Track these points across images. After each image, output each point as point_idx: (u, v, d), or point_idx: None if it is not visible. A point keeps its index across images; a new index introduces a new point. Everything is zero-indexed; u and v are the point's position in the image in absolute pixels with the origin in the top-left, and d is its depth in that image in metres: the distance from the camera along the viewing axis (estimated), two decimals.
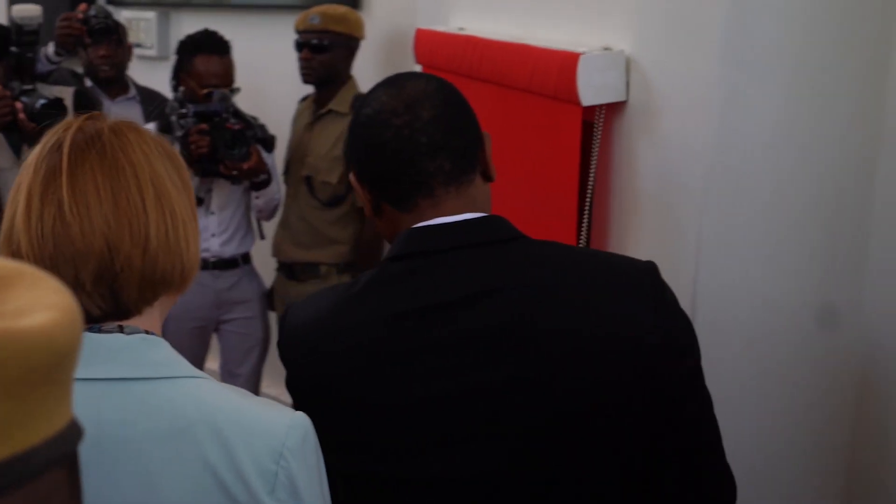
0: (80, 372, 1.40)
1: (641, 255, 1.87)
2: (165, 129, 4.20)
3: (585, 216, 2.35)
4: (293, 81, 4.67)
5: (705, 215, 2.09)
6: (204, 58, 4.18)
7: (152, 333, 1.51)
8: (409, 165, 1.76)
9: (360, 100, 1.91)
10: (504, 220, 1.79)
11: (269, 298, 4.59)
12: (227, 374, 4.53)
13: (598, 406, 1.69)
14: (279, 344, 1.82)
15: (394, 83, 1.82)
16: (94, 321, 1.48)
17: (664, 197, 2.19)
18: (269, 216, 4.41)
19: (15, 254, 1.45)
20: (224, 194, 4.28)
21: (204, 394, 1.48)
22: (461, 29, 3.01)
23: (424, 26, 3.31)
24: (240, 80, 4.27)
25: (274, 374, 4.72)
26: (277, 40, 4.85)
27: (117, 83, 4.65)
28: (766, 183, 2.09)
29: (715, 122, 2.06)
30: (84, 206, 1.45)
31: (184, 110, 4.09)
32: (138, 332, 1.49)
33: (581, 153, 2.38)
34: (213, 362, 4.77)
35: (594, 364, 1.68)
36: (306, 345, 1.77)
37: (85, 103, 4.15)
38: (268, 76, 4.34)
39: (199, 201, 4.20)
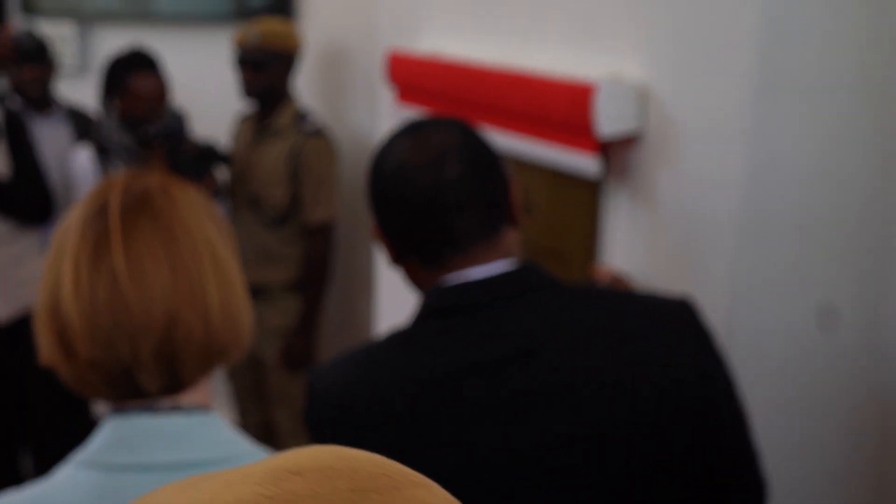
0: (141, 458, 1.30)
1: (672, 291, 1.83)
2: (101, 152, 4.05)
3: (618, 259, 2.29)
4: (222, 94, 4.55)
5: (740, 251, 2.04)
6: (139, 77, 4.01)
7: (207, 408, 1.41)
8: (437, 224, 1.70)
9: (379, 146, 1.83)
10: (536, 267, 1.74)
11: None
12: None
13: (657, 455, 1.65)
14: (307, 412, 1.71)
15: (415, 134, 1.76)
16: (145, 395, 1.37)
17: (692, 232, 2.13)
18: None
19: (63, 331, 1.33)
20: None
21: None
22: (434, 52, 2.91)
23: (385, 44, 3.21)
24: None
25: (221, 396, 4.60)
26: (204, 52, 4.72)
27: (45, 101, 4.44)
28: (800, 218, 2.05)
29: (746, 155, 2.00)
30: (141, 274, 1.33)
31: (139, 132, 3.93)
32: (196, 409, 1.39)
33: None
34: None
35: (647, 415, 1.64)
36: (337, 410, 1.66)
37: (15, 124, 3.98)
38: (195, 90, 4.18)
39: None
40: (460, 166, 1.71)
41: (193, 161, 3.93)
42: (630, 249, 2.29)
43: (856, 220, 2.08)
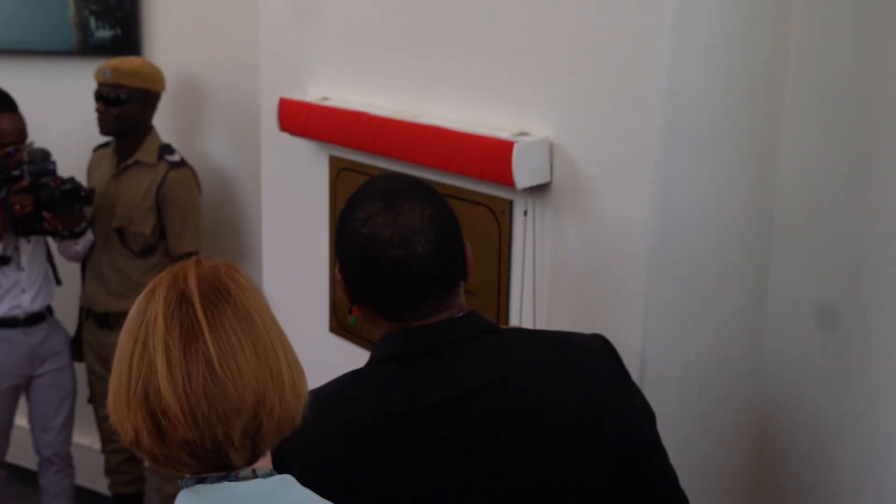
0: None
1: (587, 328, 2.07)
2: None
3: (527, 297, 2.49)
4: (66, 127, 4.54)
5: (651, 288, 2.29)
6: None
7: (273, 472, 1.54)
8: (401, 292, 1.87)
9: (350, 202, 1.94)
10: (478, 314, 1.94)
11: (73, 350, 4.48)
12: (41, 429, 4.39)
13: (589, 475, 1.87)
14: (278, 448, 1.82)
15: (389, 204, 1.87)
16: (229, 468, 1.49)
17: (603, 272, 2.36)
18: (82, 257, 4.31)
19: (158, 416, 1.42)
20: (30, 249, 4.20)
21: None
22: (325, 99, 3.05)
23: (269, 90, 3.32)
24: None
25: (82, 424, 4.59)
26: (49, 86, 4.69)
27: None
28: (708, 250, 2.33)
29: (654, 198, 2.24)
30: (233, 361, 1.45)
31: (16, 172, 3.91)
32: (270, 473, 1.52)
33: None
34: (20, 418, 4.57)
35: (584, 439, 1.86)
36: (306, 445, 1.78)
37: None
38: (39, 123, 4.18)
39: (8, 260, 4.06)
40: (429, 243, 1.86)
41: (60, 198, 3.94)
42: (540, 288, 2.51)
43: (740, 254, 2.38)
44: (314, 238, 3.19)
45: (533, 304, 2.49)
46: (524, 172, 2.39)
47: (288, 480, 1.51)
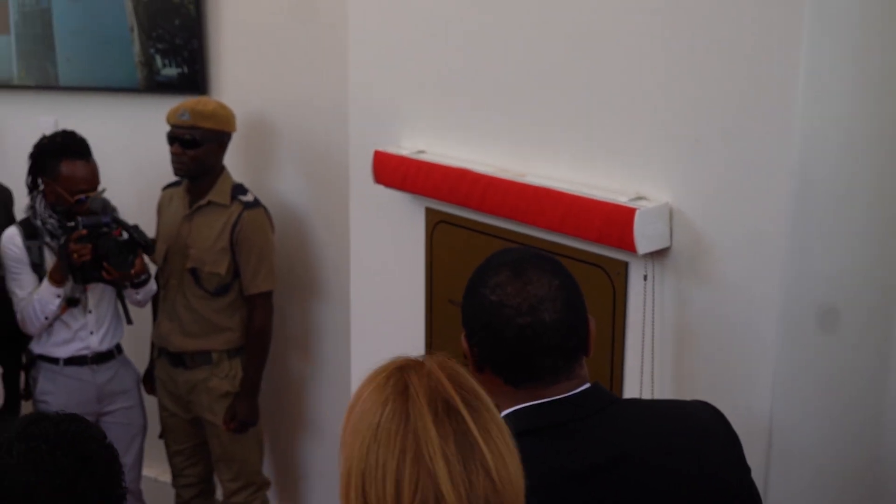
0: None
1: (711, 395, 2.05)
2: (31, 235, 4.01)
3: (647, 362, 2.46)
4: (130, 164, 4.52)
5: (781, 356, 2.26)
6: (70, 162, 4.01)
7: None
8: (526, 360, 1.88)
9: (479, 271, 1.96)
10: (601, 386, 1.95)
11: (145, 384, 4.46)
12: None
13: None
14: None
15: (519, 272, 1.90)
16: None
17: (729, 338, 2.33)
18: (145, 305, 4.28)
19: None
20: (98, 292, 4.17)
21: None
22: (420, 152, 3.02)
23: (358, 139, 3.30)
24: None
25: (151, 457, 4.58)
26: (113, 123, 4.68)
27: None
28: (836, 319, 2.29)
29: (785, 266, 2.22)
30: (504, 467, 1.42)
31: (72, 223, 3.92)
32: None
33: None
34: None
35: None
36: None
37: None
38: (101, 160, 4.16)
39: (76, 302, 4.05)
40: (555, 313, 1.88)
41: (114, 249, 3.92)
42: (659, 353, 2.48)
43: (866, 324, 2.35)
44: (409, 290, 3.16)
45: (652, 371, 2.46)
46: (645, 238, 2.37)
47: None
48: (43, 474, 1.53)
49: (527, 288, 1.87)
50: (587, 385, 1.92)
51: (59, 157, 4.00)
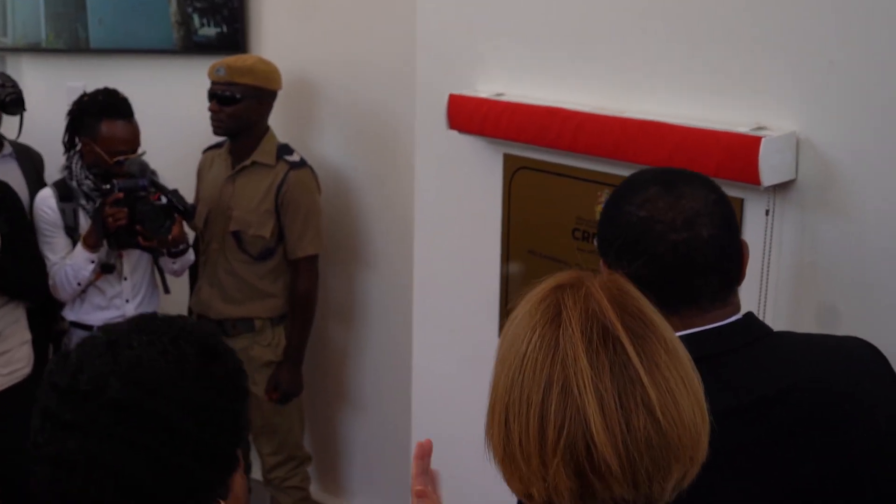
0: None
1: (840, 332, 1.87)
2: (66, 196, 3.78)
3: (770, 299, 2.27)
4: (171, 128, 4.32)
5: None
6: (111, 122, 3.77)
7: None
8: (680, 281, 1.69)
9: (621, 190, 1.78)
10: (755, 317, 1.77)
11: None
12: None
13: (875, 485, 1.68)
14: None
15: (670, 188, 1.72)
16: None
17: (862, 273, 2.14)
18: (182, 275, 4.04)
19: (588, 471, 1.17)
20: (133, 259, 3.93)
21: None
22: (499, 95, 2.82)
23: (427, 86, 3.09)
24: None
25: None
26: (150, 85, 4.45)
27: None
28: None
29: None
30: (673, 405, 1.20)
31: (107, 185, 3.69)
32: None
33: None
34: None
35: (880, 456, 1.68)
36: None
37: (4, 192, 3.71)
38: (143, 123, 3.93)
39: (111, 268, 3.81)
40: (713, 230, 1.69)
41: (156, 214, 3.69)
42: (782, 291, 2.28)
43: None
44: (484, 240, 2.96)
45: (774, 306, 2.26)
46: (770, 169, 2.17)
47: None
48: (171, 363, 1.33)
49: (681, 202, 1.69)
50: (741, 314, 1.74)
51: (100, 116, 3.77)
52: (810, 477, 1.63)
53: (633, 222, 1.69)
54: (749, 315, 1.76)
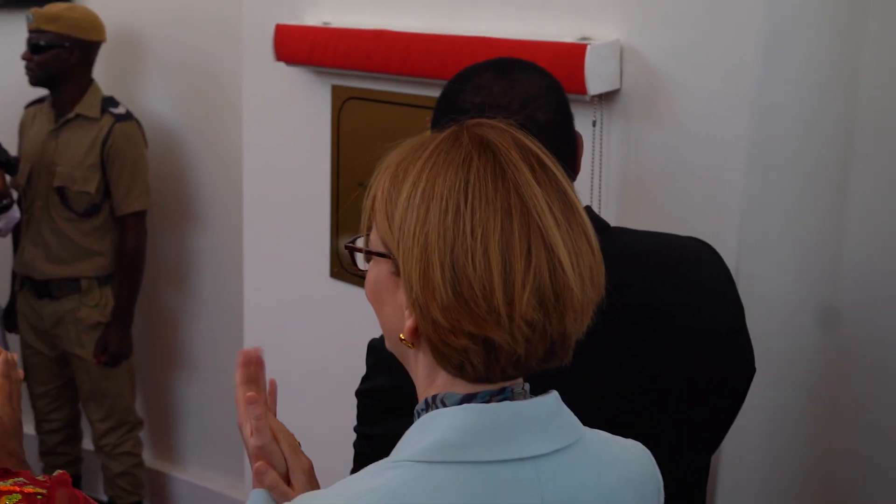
0: (515, 450, 1.12)
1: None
2: None
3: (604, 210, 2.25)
4: None
5: (748, 193, 2.07)
6: None
7: None
8: None
9: (455, 78, 1.71)
10: (593, 211, 1.74)
11: (6, 321, 4.01)
12: None
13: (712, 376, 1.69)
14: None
15: (503, 71, 1.67)
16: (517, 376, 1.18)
17: (692, 180, 2.13)
18: (6, 234, 3.83)
19: (549, 301, 1.09)
20: None
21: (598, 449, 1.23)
22: (326, 23, 2.74)
23: (252, 19, 2.99)
24: None
25: None
26: None
27: None
28: (797, 165, 2.11)
29: (753, 108, 2.02)
30: (593, 234, 1.16)
31: None
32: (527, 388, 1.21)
33: None
34: None
35: (723, 363, 1.70)
36: None
37: None
38: None
39: None
40: (549, 114, 1.65)
41: None
42: (612, 200, 2.26)
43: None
44: (314, 176, 2.88)
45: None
46: (596, 77, 2.15)
47: (557, 396, 1.20)
48: None
49: (515, 87, 1.63)
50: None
51: None
52: (640, 369, 1.61)
53: (467, 108, 1.63)
54: (588, 209, 1.70)
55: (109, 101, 3.80)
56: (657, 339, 1.63)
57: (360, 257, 1.28)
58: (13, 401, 1.57)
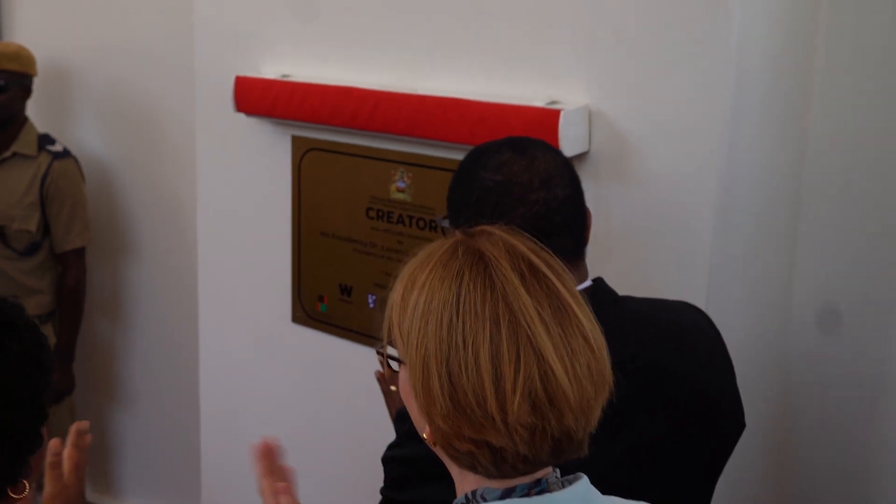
0: None
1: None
2: None
3: None
4: None
5: (716, 250, 2.17)
6: None
7: None
8: (542, 241, 1.71)
9: (473, 157, 1.80)
10: (604, 282, 1.82)
11: None
12: None
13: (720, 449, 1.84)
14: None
15: (521, 151, 1.75)
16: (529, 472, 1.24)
17: (659, 235, 2.23)
18: None
19: (545, 405, 1.15)
20: None
21: None
22: (285, 76, 2.78)
23: (207, 69, 3.01)
24: None
25: None
26: None
27: None
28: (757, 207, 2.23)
29: (722, 159, 2.12)
30: (597, 332, 1.22)
31: None
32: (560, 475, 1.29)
33: None
34: None
35: (723, 419, 1.83)
36: None
37: None
38: None
39: None
40: (567, 189, 1.74)
41: None
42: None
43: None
44: (274, 224, 2.91)
45: None
46: (568, 141, 2.23)
47: (587, 481, 1.27)
48: None
49: (535, 164, 1.72)
50: (591, 280, 1.79)
51: None
52: (650, 430, 1.69)
53: (489, 186, 1.71)
54: (599, 280, 1.80)
55: (45, 139, 3.77)
56: (667, 400, 1.72)
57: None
58: (79, 470, 1.59)
